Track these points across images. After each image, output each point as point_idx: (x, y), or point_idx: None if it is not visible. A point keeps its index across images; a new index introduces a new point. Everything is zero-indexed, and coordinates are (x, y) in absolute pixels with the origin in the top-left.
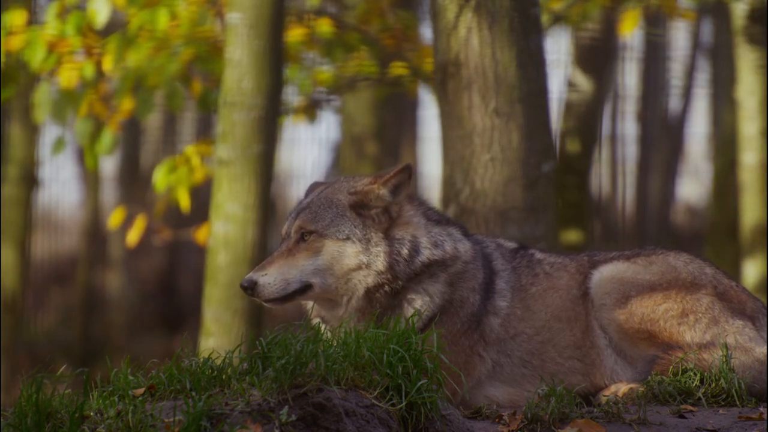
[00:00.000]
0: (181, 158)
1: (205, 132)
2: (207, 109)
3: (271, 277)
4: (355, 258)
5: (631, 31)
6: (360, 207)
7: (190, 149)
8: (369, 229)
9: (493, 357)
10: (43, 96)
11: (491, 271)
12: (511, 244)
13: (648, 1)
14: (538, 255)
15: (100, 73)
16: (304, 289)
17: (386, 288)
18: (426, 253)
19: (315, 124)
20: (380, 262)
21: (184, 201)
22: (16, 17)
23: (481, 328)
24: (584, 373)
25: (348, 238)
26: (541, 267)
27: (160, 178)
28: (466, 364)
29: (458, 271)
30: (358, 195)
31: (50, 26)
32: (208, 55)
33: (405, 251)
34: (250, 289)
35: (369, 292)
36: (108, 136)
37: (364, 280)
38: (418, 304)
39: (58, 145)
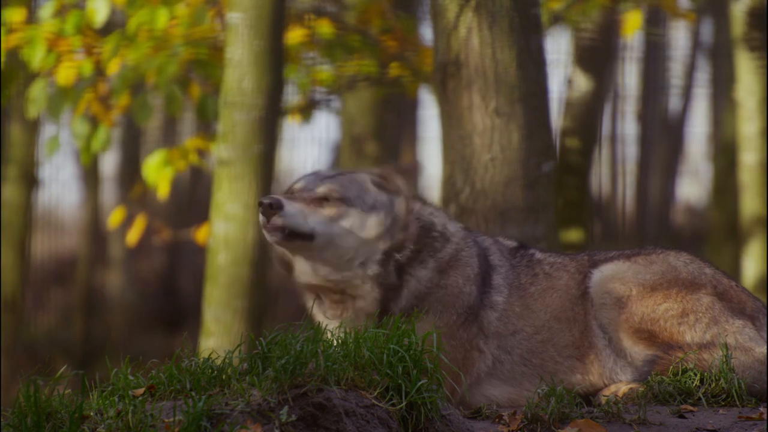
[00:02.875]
0: (177, 151)
1: (205, 132)
2: (206, 117)
3: (295, 209)
4: (377, 228)
5: (633, 33)
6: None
7: (189, 142)
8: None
9: (494, 352)
10: (38, 92)
11: (488, 266)
12: (511, 243)
13: (648, 1)
14: (538, 255)
15: (98, 72)
16: (310, 236)
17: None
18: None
19: (310, 123)
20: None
21: (164, 188)
22: (15, 14)
23: (479, 321)
24: (583, 373)
25: (373, 208)
26: (541, 267)
27: (151, 170)
28: (465, 360)
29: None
30: (380, 180)
31: (48, 24)
32: (208, 58)
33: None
34: (276, 207)
35: (383, 260)
36: (103, 134)
37: (381, 246)
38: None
39: (53, 144)
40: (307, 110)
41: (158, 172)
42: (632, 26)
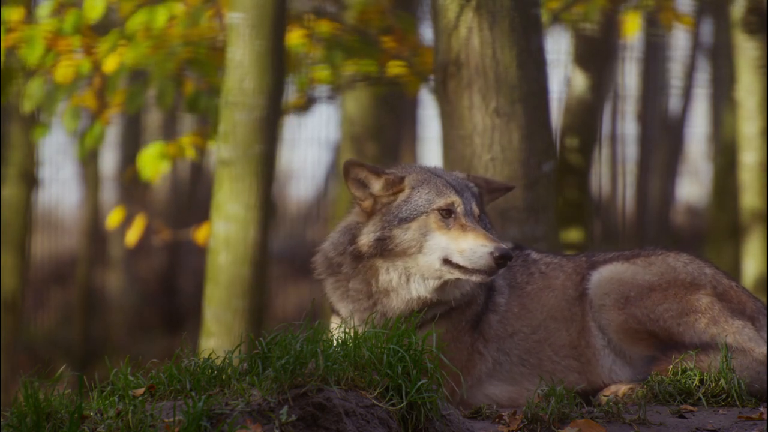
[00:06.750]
0: (173, 146)
1: (203, 129)
2: (197, 110)
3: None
4: None
5: (633, 34)
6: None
7: (185, 138)
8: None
9: (493, 355)
10: (35, 88)
11: None
12: (507, 244)
13: (647, 4)
14: (534, 255)
15: (96, 69)
16: None
17: None
18: None
19: (307, 114)
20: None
21: (163, 170)
22: (14, 13)
23: (481, 326)
24: (581, 372)
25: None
26: (537, 266)
27: (147, 162)
28: (468, 362)
29: None
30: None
31: (47, 23)
32: (205, 58)
33: None
34: (510, 259)
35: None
36: (97, 129)
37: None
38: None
39: (41, 130)
40: (305, 106)
41: (153, 164)
42: (632, 28)
